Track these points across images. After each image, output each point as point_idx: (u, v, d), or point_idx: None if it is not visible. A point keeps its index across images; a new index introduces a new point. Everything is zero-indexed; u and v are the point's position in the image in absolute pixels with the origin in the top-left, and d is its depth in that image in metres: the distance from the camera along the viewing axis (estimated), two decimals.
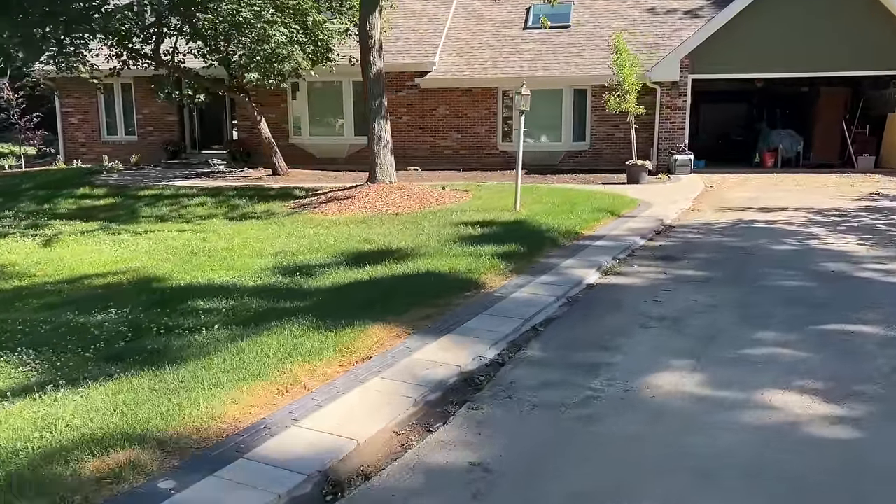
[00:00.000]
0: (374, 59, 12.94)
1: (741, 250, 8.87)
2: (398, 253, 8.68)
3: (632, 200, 12.66)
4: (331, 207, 12.62)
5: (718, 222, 10.91)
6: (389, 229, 10.45)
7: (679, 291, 6.98)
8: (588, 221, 10.45)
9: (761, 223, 10.74)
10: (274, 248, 9.54)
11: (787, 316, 6.09)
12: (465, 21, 21.88)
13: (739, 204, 12.73)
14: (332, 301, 6.59)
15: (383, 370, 4.78)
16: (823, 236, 9.67)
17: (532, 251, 8.54)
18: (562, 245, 9.05)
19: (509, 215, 11.06)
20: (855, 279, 7.37)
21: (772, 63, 17.50)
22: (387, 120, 13.44)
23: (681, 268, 8.00)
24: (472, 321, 5.88)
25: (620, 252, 8.71)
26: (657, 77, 18.00)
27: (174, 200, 13.83)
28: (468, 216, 11.11)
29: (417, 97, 20.71)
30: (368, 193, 12.98)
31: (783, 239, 9.51)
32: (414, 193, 13.07)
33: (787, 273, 7.65)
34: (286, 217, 12.20)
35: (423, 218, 11.20)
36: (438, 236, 9.63)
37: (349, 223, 11.21)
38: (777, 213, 11.68)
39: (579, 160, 19.89)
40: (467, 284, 7.03)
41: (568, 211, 11.26)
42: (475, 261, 7.90)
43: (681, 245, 9.30)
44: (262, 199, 13.71)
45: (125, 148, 23.00)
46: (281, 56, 14.65)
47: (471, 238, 9.37)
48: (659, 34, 20.01)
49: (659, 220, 10.81)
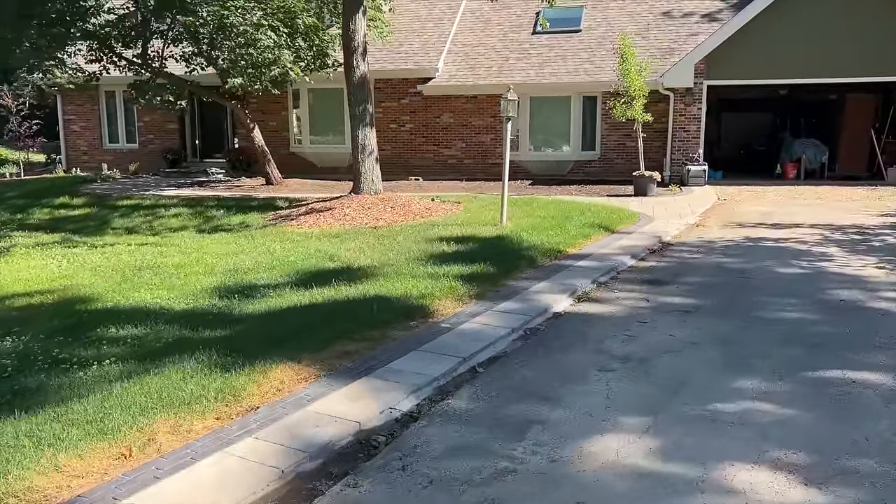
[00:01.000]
0: (357, 62, 12.16)
1: (741, 273, 7.87)
2: (356, 272, 7.85)
3: (632, 214, 11.68)
4: (308, 220, 11.85)
5: (722, 240, 9.90)
6: (360, 244, 9.63)
7: (658, 323, 6.03)
8: (576, 238, 9.52)
9: (770, 242, 9.70)
10: (229, 264, 8.77)
11: (779, 358, 5.12)
12: (472, 26, 21.06)
13: (750, 219, 11.68)
14: (253, 331, 5.77)
15: (263, 427, 3.93)
16: (838, 257, 8.61)
17: (503, 272, 7.65)
18: (539, 265, 8.13)
19: (493, 230, 10.18)
20: (867, 311, 6.34)
21: (794, 68, 16.38)
22: (371, 127, 12.64)
23: (667, 294, 7.04)
24: (400, 360, 5.01)
25: (603, 274, 7.77)
26: (670, 83, 16.98)
27: (150, 211, 13.18)
28: (448, 231, 10.25)
29: (421, 104, 19.92)
30: (350, 205, 12.19)
31: (792, 260, 8.48)
32: (399, 205, 12.24)
33: (788, 302, 6.65)
34: (259, 230, 11.46)
35: (400, 232, 10.36)
36: (408, 253, 8.79)
37: (321, 237, 10.41)
38: (790, 230, 10.62)
39: (589, 170, 18.91)
40: (414, 312, 6.16)
41: (558, 226, 10.34)
42: (434, 283, 7.04)
43: (674, 266, 8.32)
44: (241, 211, 13.00)
45: (126, 156, 22.56)
46: (267, 61, 13.93)
47: (441, 256, 8.51)
48: (674, 38, 18.99)
49: (657, 237, 9.84)
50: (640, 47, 18.77)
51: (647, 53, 18.56)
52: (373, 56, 20.11)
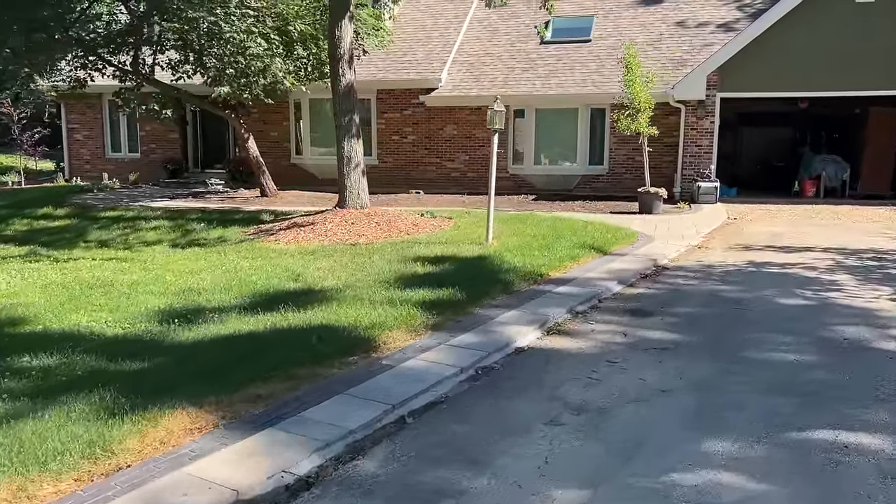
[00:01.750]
0: (343, 70, 11.60)
1: (736, 304, 7.11)
2: (314, 295, 7.23)
3: (630, 234, 10.94)
4: (288, 235, 11.27)
5: (723, 264, 9.12)
6: (332, 263, 9.01)
7: (629, 364, 5.31)
8: (563, 260, 8.81)
9: (775, 267, 8.91)
10: (187, 284, 8.19)
11: (761, 411, 4.39)
12: (479, 35, 20.47)
13: (759, 241, 10.88)
14: (172, 365, 5.16)
15: (121, 494, 3.29)
16: (849, 287, 7.81)
17: (471, 298, 6.97)
18: (515, 290, 7.44)
19: (476, 249, 9.51)
20: (874, 353, 5.57)
21: (813, 81, 15.53)
22: (358, 139, 12.06)
23: (649, 327, 6.31)
24: (318, 407, 4.36)
25: (583, 302, 7.06)
26: (681, 95, 16.22)
27: (130, 224, 12.70)
28: (429, 250, 9.60)
29: (424, 116, 19.34)
30: (333, 220, 11.59)
31: (796, 289, 7.70)
32: (385, 221, 11.62)
33: (783, 340, 5.89)
34: (235, 245, 10.89)
35: (378, 250, 9.73)
36: (377, 274, 8.15)
37: (295, 254, 9.82)
38: (800, 254, 9.81)
39: (596, 185, 18.17)
40: (358, 345, 5.51)
41: (546, 246, 9.65)
42: (390, 311, 6.39)
43: (664, 294, 7.58)
44: (223, 224, 12.46)
45: (128, 166, 22.25)
46: (256, 69, 13.43)
47: (411, 278, 7.86)
48: (687, 49, 18.22)
49: (652, 261, 9.10)
50: (651, 58, 18.07)
51: (658, 64, 17.84)
52: (375, 66, 19.63)
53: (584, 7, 20.84)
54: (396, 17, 16.92)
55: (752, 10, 18.94)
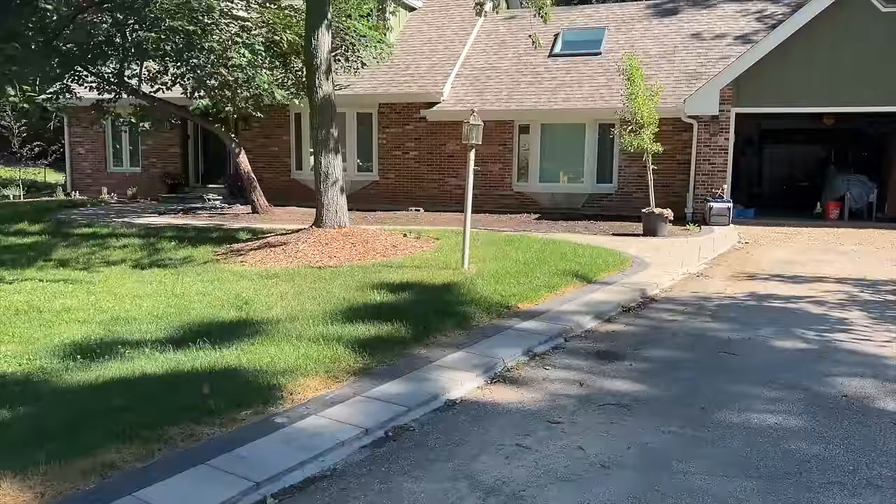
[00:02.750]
0: (319, 82, 10.88)
1: (724, 347, 6.17)
2: (246, 329, 6.45)
3: (625, 259, 10.00)
4: (257, 256, 10.54)
5: (720, 296, 8.16)
6: (288, 289, 8.24)
7: (574, 426, 4.42)
8: (539, 289, 7.93)
9: (779, 301, 7.92)
10: (121, 311, 7.47)
11: (720, 499, 3.47)
12: (486, 48, 19.73)
13: (767, 269, 9.87)
14: (29, 417, 4.41)
15: None
16: (860, 327, 6.81)
17: (419, 335, 6.13)
18: (474, 325, 6.58)
19: (448, 276, 8.66)
20: (875, 416, 4.60)
21: (836, 95, 14.46)
22: (336, 154, 11.31)
23: (613, 375, 5.41)
24: (165, 482, 3.54)
25: (546, 341, 6.18)
26: (693, 110, 15.26)
27: (101, 242, 12.09)
28: (397, 275, 8.78)
29: (426, 131, 18.61)
30: (307, 240, 10.84)
31: (797, 329, 6.72)
32: (361, 241, 10.84)
33: (769, 397, 4.95)
34: (198, 266, 10.18)
35: (343, 274, 8.94)
36: (330, 303, 7.36)
37: (255, 278, 9.07)
38: (811, 285, 8.80)
39: (605, 204, 17.23)
40: (258, 396, 4.70)
41: (526, 272, 8.77)
42: (318, 351, 5.58)
43: (643, 332, 6.66)
44: (195, 243, 11.78)
45: (129, 180, 21.86)
46: (238, 81, 12.80)
47: (363, 309, 7.04)
48: (703, 62, 17.26)
49: (639, 291, 8.16)
50: (664, 71, 17.16)
51: (671, 78, 16.92)
52: (377, 79, 18.97)
53: (597, 19, 20.02)
54: (390, 28, 16.18)
55: (773, 21, 17.91)
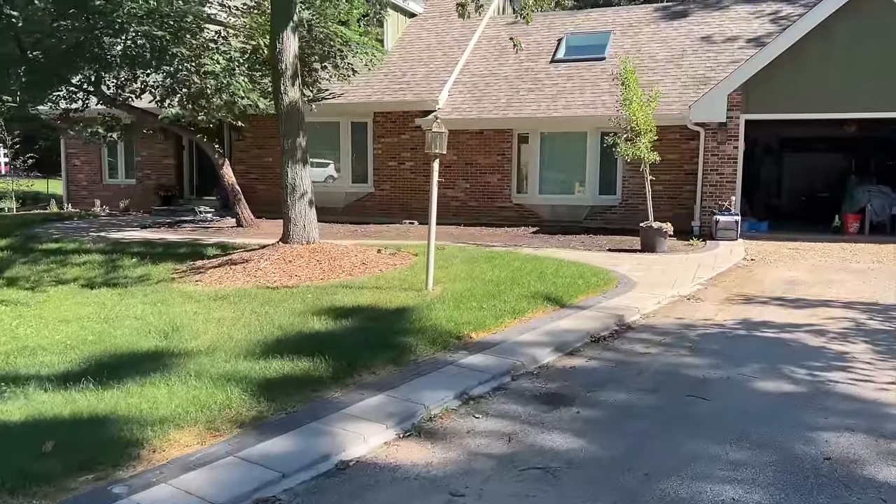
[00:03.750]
0: (286, 87, 10.18)
1: (695, 388, 5.27)
2: (158, 361, 5.73)
3: (609, 280, 9.11)
4: (216, 274, 9.83)
5: (707, 324, 7.24)
6: (228, 314, 7.49)
7: (478, 501, 3.58)
8: (502, 315, 7.09)
9: (772, 330, 6.98)
10: (36, 339, 6.78)
11: None
12: (486, 54, 18.95)
13: (768, 291, 8.91)
14: None
15: None
16: (861, 364, 5.87)
17: (339, 373, 5.33)
18: (410, 360, 5.77)
19: (408, 298, 7.86)
20: (861, 487, 3.70)
21: (855, 100, 13.40)
22: (304, 164, 10.60)
23: (552, 426, 4.55)
24: None
25: (488, 380, 5.34)
26: (699, 117, 14.31)
27: (62, 258, 11.47)
28: (352, 297, 8.00)
29: (422, 140, 17.78)
30: (271, 257, 10.12)
31: (787, 366, 5.80)
32: (329, 258, 10.09)
33: (734, 459, 4.05)
34: (151, 286, 9.49)
35: (295, 297, 8.18)
36: (261, 332, 6.61)
37: (202, 300, 8.34)
38: (813, 310, 7.83)
39: (608, 217, 16.31)
40: (111, 454, 3.93)
41: (495, 294, 7.93)
42: (209, 393, 4.82)
43: (605, 370, 5.78)
44: (158, 260, 11.11)
45: (124, 192, 21.39)
46: (213, 88, 12.17)
47: (294, 339, 6.28)
48: (712, 66, 16.29)
49: (616, 318, 7.28)
50: (670, 76, 16.26)
51: (677, 83, 16.00)
52: (371, 87, 18.28)
53: (603, 23, 19.15)
54: (383, 35, 15.49)
55: (789, 23, 16.84)
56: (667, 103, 15.44)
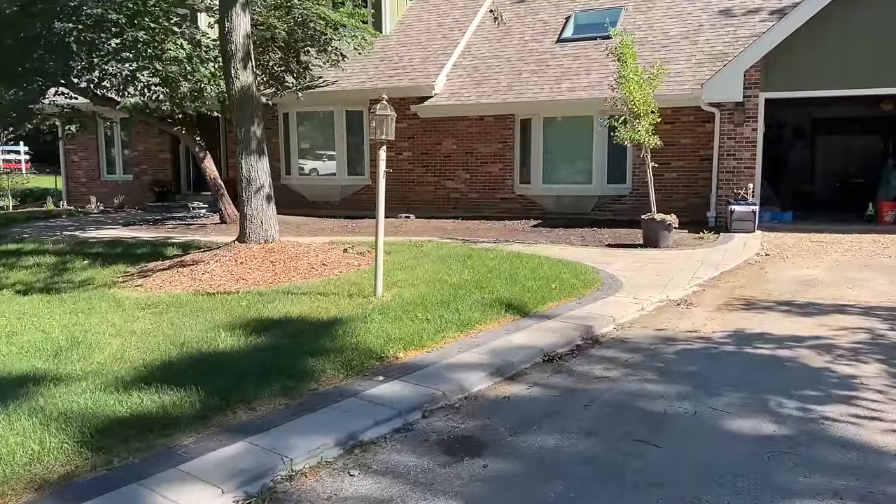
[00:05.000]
0: (236, 70, 9.22)
1: (650, 429, 4.15)
2: (19, 389, 4.81)
3: (592, 281, 7.97)
4: (161, 278, 8.96)
5: (691, 337, 6.08)
6: (145, 326, 6.58)
7: None
8: (447, 328, 6.03)
9: (769, 344, 5.80)
10: None
11: None
12: (489, 35, 17.78)
13: (776, 293, 7.68)
14: None
15: None
16: (870, 391, 4.69)
17: (208, 410, 4.35)
18: (309, 390, 4.75)
19: (348, 307, 6.86)
20: None
21: (891, 73, 11.96)
22: (261, 156, 9.65)
23: (444, 488, 3.49)
24: None
25: (391, 419, 4.30)
26: (713, 96, 12.99)
27: (13, 261, 10.68)
28: (288, 306, 7.03)
29: (420, 129, 16.82)
30: (223, 259, 9.20)
31: (775, 397, 4.64)
32: (285, 259, 9.13)
33: None
34: (88, 292, 8.66)
35: (224, 305, 7.24)
36: (160, 351, 5.67)
37: (130, 308, 7.45)
38: (825, 317, 6.61)
39: (617, 208, 15.08)
40: None
41: (452, 300, 6.88)
42: (23, 441, 3.89)
43: (545, 401, 4.69)
44: (113, 261, 10.30)
45: (121, 188, 20.80)
46: (175, 76, 11.28)
47: (189, 361, 5.33)
48: (730, 41, 14.91)
49: (584, 329, 6.17)
50: (684, 53, 14.93)
51: (691, 60, 14.67)
52: (366, 73, 17.29)
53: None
54: (364, 16, 14.47)
55: None
56: (679, 82, 14.15)
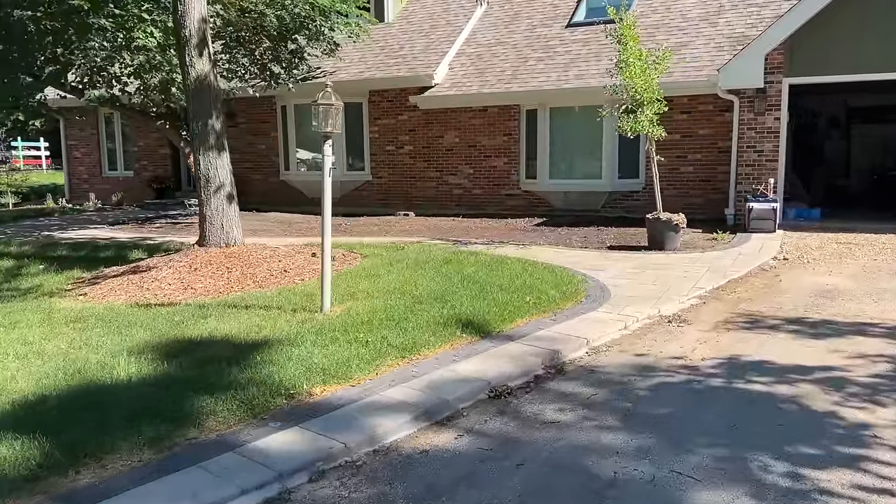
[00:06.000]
0: (191, 58, 8.39)
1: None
2: None
3: (573, 293, 6.99)
4: (108, 286, 8.21)
5: (673, 366, 5.08)
6: (57, 347, 5.80)
7: None
8: (385, 355, 5.13)
9: (766, 378, 4.78)
10: None
11: None
12: (496, 21, 16.77)
13: (786, 308, 6.62)
14: None
15: None
16: (886, 451, 3.67)
17: (36, 473, 3.53)
18: (186, 440, 3.89)
19: (287, 325, 6.00)
20: None
21: None
22: (220, 151, 8.82)
23: None
24: None
25: (261, 487, 3.41)
26: (730, 83, 11.85)
27: None
28: (221, 324, 6.18)
29: (422, 121, 15.90)
30: (177, 265, 8.41)
31: (760, 455, 3.65)
32: (245, 265, 8.30)
33: None
34: (28, 301, 7.93)
35: (155, 321, 6.43)
36: (45, 382, 4.88)
37: (58, 323, 6.67)
38: (839, 340, 5.56)
39: (629, 204, 13.99)
40: None
41: (400, 320, 5.96)
42: None
43: (471, 457, 3.75)
44: (70, 266, 9.60)
45: (122, 184, 20.27)
46: (143, 65, 10.54)
47: (59, 399, 4.52)
48: (753, 23, 13.70)
49: (549, 355, 5.22)
50: (702, 36, 13.80)
51: (710, 44, 13.52)
52: (365, 62, 16.42)
53: None
54: (360, 1, 13.56)
55: None
56: (697, 68, 13.03)
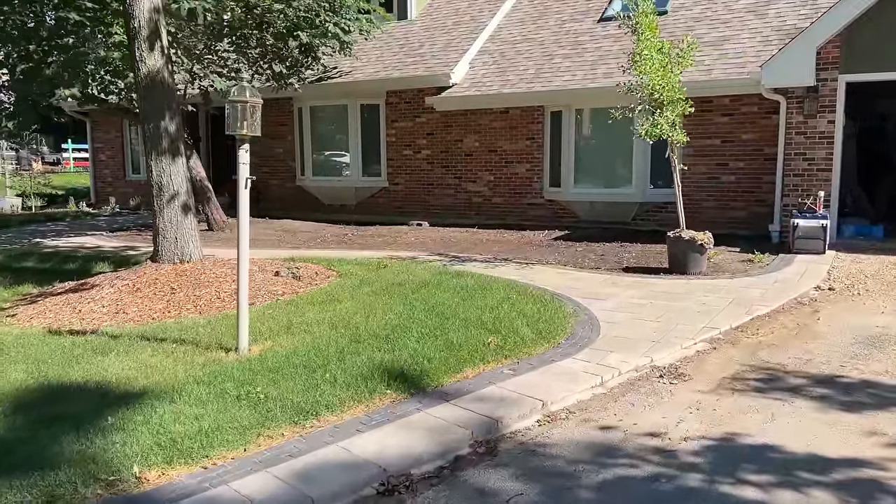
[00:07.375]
0: (142, 51, 7.48)
1: None
2: None
3: (553, 331, 5.72)
4: (41, 307, 7.36)
5: (643, 448, 3.80)
6: None
7: None
8: (273, 420, 4.03)
9: (765, 479, 3.44)
10: None
11: None
12: (524, 16, 15.53)
13: (819, 358, 5.22)
14: None
15: None
16: None
17: None
18: None
19: (183, 369, 4.96)
20: None
21: None
22: (175, 157, 7.87)
23: None
24: None
25: None
26: (775, 80, 10.35)
27: None
28: (116, 362, 5.20)
29: (440, 124, 14.78)
30: (119, 283, 7.50)
31: None
32: (193, 286, 7.34)
33: None
34: None
35: (47, 356, 5.48)
36: None
37: None
38: (878, 415, 4.17)
39: (663, 217, 12.53)
40: None
41: (319, 367, 4.85)
42: None
43: None
44: (22, 279, 8.74)
45: (143, 188, 19.80)
46: (119, 62, 9.75)
47: None
48: (806, 14, 12.10)
49: (485, 426, 4.02)
50: (747, 30, 12.31)
51: (756, 38, 12.03)
52: (382, 62, 15.41)
53: None
54: None
55: None
56: (739, 64, 11.55)
